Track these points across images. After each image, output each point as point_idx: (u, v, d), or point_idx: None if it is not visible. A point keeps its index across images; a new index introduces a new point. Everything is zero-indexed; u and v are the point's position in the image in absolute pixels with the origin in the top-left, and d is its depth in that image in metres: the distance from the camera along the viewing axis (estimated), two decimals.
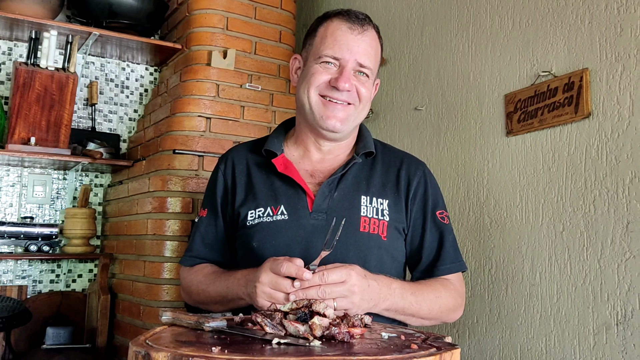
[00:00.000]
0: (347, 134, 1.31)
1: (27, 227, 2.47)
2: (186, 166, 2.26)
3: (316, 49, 1.26)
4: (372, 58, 1.26)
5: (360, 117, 1.30)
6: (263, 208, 1.26)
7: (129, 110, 2.89)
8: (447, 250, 1.33)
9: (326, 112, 1.23)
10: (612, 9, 1.50)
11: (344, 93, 1.22)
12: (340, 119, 1.24)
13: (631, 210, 1.43)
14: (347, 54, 1.22)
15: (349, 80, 1.22)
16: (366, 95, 1.26)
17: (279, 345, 0.82)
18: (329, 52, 1.23)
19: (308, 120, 1.28)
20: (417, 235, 1.33)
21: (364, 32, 1.24)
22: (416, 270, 1.34)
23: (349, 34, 1.23)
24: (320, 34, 1.26)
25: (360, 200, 1.27)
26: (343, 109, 1.24)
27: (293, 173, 1.27)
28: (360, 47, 1.23)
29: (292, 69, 1.35)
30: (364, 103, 1.26)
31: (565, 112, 1.59)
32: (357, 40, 1.23)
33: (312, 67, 1.25)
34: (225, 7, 2.49)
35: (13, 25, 2.44)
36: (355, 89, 1.24)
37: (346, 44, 1.22)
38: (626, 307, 1.42)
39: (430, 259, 1.32)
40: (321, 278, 1.03)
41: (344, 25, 1.24)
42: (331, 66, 1.24)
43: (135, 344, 0.80)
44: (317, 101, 1.24)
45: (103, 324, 2.44)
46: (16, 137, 2.31)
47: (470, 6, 1.98)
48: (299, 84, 1.30)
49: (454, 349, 0.83)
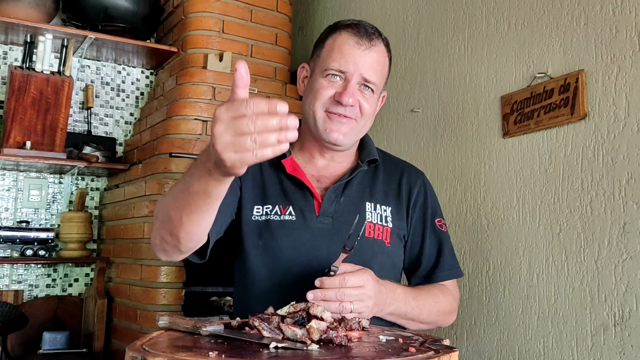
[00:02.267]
0: (350, 146, 1.33)
1: (23, 232, 2.46)
2: (182, 169, 2.26)
3: (323, 61, 1.27)
4: (378, 73, 1.27)
5: (363, 131, 1.32)
6: (272, 206, 1.27)
7: (125, 113, 2.88)
8: (446, 257, 1.36)
9: (330, 126, 1.25)
10: (608, 10, 1.51)
11: (347, 108, 1.24)
12: (343, 133, 1.26)
13: (628, 211, 1.43)
14: (352, 68, 1.23)
15: (353, 96, 1.23)
16: (368, 110, 1.27)
17: (277, 349, 0.81)
18: (335, 65, 1.24)
19: (312, 131, 1.30)
20: (416, 242, 1.36)
21: (371, 47, 1.25)
22: (415, 276, 1.37)
23: (356, 49, 1.24)
24: (328, 45, 1.27)
25: (365, 206, 1.29)
26: (347, 122, 1.26)
27: (301, 175, 1.29)
28: (367, 62, 1.24)
29: (299, 78, 1.37)
30: (365, 118, 1.28)
31: (562, 114, 1.59)
32: (364, 55, 1.24)
33: (318, 82, 1.26)
34: (221, 10, 2.49)
35: (8, 29, 2.43)
36: (358, 104, 1.25)
37: (352, 58, 1.23)
38: (623, 308, 1.42)
39: (429, 265, 1.35)
40: (341, 281, 1.04)
41: (352, 40, 1.25)
42: (337, 79, 1.25)
43: (131, 349, 0.79)
44: (322, 116, 1.26)
45: (100, 328, 2.43)
46: (12, 141, 2.30)
47: (466, 8, 1.99)
48: (306, 94, 1.31)
49: (452, 352, 0.83)
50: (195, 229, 1.02)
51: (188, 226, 1.00)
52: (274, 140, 0.77)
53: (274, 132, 0.77)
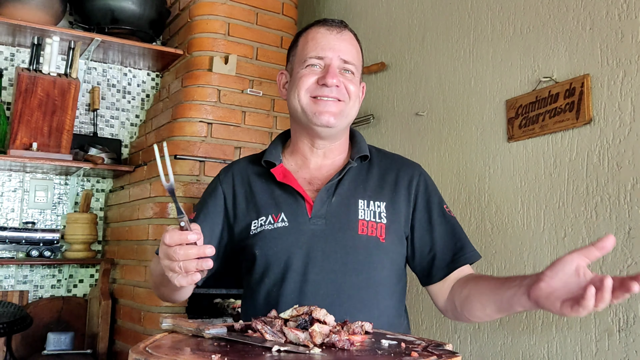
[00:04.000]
0: (341, 132, 1.33)
1: (28, 233, 2.47)
2: (187, 171, 2.26)
3: (300, 56, 1.30)
4: (354, 55, 1.31)
5: (352, 113, 1.32)
6: (265, 217, 1.28)
7: (130, 115, 2.90)
8: (464, 239, 1.32)
9: (318, 109, 1.26)
10: (613, 15, 1.50)
11: (333, 89, 1.26)
12: (333, 113, 1.26)
13: (633, 217, 1.42)
14: (329, 52, 1.27)
15: (336, 76, 1.26)
16: (354, 91, 1.30)
17: (279, 353, 0.81)
18: (313, 53, 1.27)
19: (302, 122, 1.30)
20: (425, 232, 1.32)
21: (342, 32, 1.30)
22: (436, 267, 1.30)
23: (329, 35, 1.29)
24: (301, 42, 1.32)
25: (358, 204, 1.28)
26: (334, 104, 1.27)
27: (292, 181, 1.29)
28: (342, 45, 1.28)
29: (279, 85, 1.39)
30: (353, 99, 1.30)
31: (567, 118, 1.59)
32: (337, 39, 1.29)
33: (299, 73, 1.29)
34: (227, 13, 2.49)
35: (15, 31, 2.45)
36: (344, 86, 1.27)
37: (327, 43, 1.28)
38: (628, 314, 1.42)
39: (450, 251, 1.30)
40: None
41: (322, 28, 1.30)
42: (317, 68, 1.28)
43: (135, 351, 0.80)
44: (308, 102, 1.27)
45: (104, 329, 2.44)
46: (18, 142, 2.32)
47: (472, 12, 1.99)
48: (289, 92, 1.33)
49: (455, 357, 0.82)
50: (181, 296, 1.24)
51: (173, 296, 1.24)
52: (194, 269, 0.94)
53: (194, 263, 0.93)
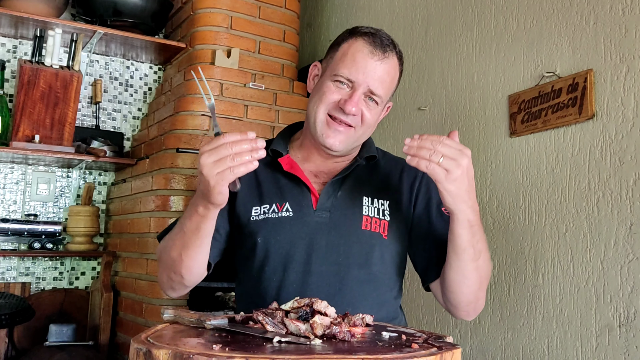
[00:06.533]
0: (346, 152, 1.35)
1: (30, 225, 2.48)
2: (189, 164, 2.26)
3: (335, 64, 1.28)
4: (386, 86, 1.28)
5: (361, 139, 1.33)
6: (269, 205, 1.29)
7: (132, 108, 2.90)
8: None
9: (327, 132, 1.27)
10: (617, 9, 1.50)
11: (349, 116, 1.26)
12: (339, 140, 1.27)
13: (635, 212, 1.42)
14: (361, 78, 1.24)
15: (357, 105, 1.25)
16: (369, 120, 1.29)
17: (280, 344, 0.82)
18: (345, 72, 1.25)
19: (311, 131, 1.32)
20: (423, 232, 1.33)
21: (384, 59, 1.26)
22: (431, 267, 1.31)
23: (369, 59, 1.25)
24: (342, 50, 1.28)
25: (362, 200, 1.30)
26: (345, 130, 1.27)
27: (298, 172, 1.31)
28: (377, 74, 1.25)
29: (310, 75, 1.39)
30: (365, 127, 1.29)
31: (569, 113, 1.59)
32: (375, 67, 1.25)
33: (326, 84, 1.28)
34: (230, 6, 2.49)
35: (18, 23, 2.45)
36: (361, 113, 1.26)
37: (363, 68, 1.24)
38: (629, 309, 1.42)
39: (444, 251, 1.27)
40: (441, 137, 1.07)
41: (366, 49, 1.25)
42: (344, 87, 1.26)
43: (136, 341, 0.80)
44: (323, 120, 1.27)
45: (105, 321, 2.45)
46: (20, 134, 2.32)
47: (475, 6, 1.98)
48: (313, 93, 1.33)
49: (455, 349, 0.83)
50: (193, 264, 1.21)
51: (187, 261, 1.20)
52: (248, 158, 1.00)
53: (247, 153, 1.00)
